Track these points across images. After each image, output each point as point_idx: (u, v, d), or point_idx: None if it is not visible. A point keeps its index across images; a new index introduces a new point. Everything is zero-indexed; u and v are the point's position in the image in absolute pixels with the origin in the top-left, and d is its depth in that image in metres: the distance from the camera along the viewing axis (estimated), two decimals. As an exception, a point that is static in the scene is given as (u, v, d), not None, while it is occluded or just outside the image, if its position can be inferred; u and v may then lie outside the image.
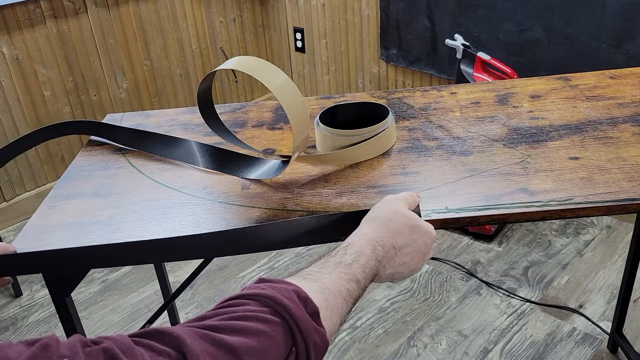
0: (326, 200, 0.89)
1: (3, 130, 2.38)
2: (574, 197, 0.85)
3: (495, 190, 0.88)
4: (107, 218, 0.91)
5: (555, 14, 2.10)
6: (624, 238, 2.18)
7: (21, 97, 2.40)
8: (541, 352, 1.73)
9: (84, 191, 0.99)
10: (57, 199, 0.98)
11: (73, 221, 0.91)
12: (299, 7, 3.00)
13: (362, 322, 1.90)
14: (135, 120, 1.24)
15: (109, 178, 1.03)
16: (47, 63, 2.44)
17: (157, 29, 2.76)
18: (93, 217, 0.92)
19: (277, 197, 0.92)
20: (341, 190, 0.92)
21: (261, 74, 0.87)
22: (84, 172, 1.06)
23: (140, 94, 2.80)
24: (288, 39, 3.16)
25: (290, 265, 2.19)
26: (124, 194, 0.97)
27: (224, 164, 1.02)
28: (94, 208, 0.94)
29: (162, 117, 1.25)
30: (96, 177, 1.04)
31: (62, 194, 0.99)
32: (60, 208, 0.95)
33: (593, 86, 1.21)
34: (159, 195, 0.96)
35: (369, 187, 0.92)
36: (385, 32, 2.66)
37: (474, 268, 2.10)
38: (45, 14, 2.38)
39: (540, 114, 1.11)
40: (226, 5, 3.02)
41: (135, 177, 1.02)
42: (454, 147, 1.02)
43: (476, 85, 1.26)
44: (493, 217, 0.83)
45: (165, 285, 1.49)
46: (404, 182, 0.93)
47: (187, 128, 1.18)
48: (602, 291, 1.94)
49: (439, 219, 0.83)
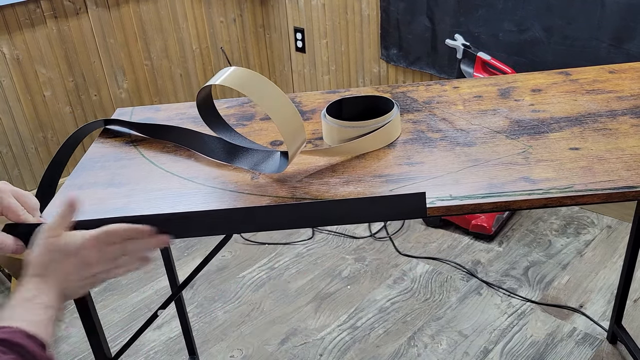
0: (334, 189, 0.91)
1: (3, 130, 2.38)
2: (574, 185, 0.87)
3: (498, 179, 0.90)
4: (122, 205, 0.93)
5: (555, 14, 2.10)
6: (624, 238, 2.18)
7: (21, 97, 2.40)
8: (541, 352, 1.73)
9: (97, 181, 1.01)
10: (72, 189, 0.99)
11: (90, 209, 0.92)
12: (300, 7, 3.00)
13: (362, 322, 1.90)
14: (145, 114, 1.26)
15: (122, 169, 1.04)
16: (47, 63, 2.44)
17: (157, 29, 2.76)
18: (109, 204, 0.93)
19: (286, 186, 0.94)
20: (348, 179, 0.94)
21: (248, 89, 0.90)
22: (97, 163, 1.07)
23: (141, 94, 2.80)
24: (288, 39, 3.16)
25: (290, 266, 2.19)
26: (138, 184, 0.99)
27: (234, 156, 1.04)
28: (109, 197, 0.96)
29: (172, 111, 1.27)
30: (109, 167, 1.05)
31: (76, 183, 1.01)
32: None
33: (593, 80, 1.22)
34: (171, 185, 0.98)
35: (375, 176, 0.94)
36: (386, 32, 2.66)
37: (474, 268, 2.10)
38: (46, 14, 2.38)
39: (541, 107, 1.13)
40: (226, 5, 3.02)
41: (148, 167, 1.04)
42: (457, 139, 1.03)
43: (478, 80, 1.27)
44: (496, 204, 0.85)
45: (174, 278, 1.51)
46: (408, 172, 0.94)
47: (197, 121, 1.20)
48: (602, 291, 1.94)
49: (443, 206, 0.84)
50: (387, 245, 2.26)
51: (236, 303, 2.03)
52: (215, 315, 1.97)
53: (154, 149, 1.11)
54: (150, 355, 1.84)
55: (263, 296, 2.05)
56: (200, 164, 1.04)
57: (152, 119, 1.24)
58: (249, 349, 1.84)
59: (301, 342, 1.85)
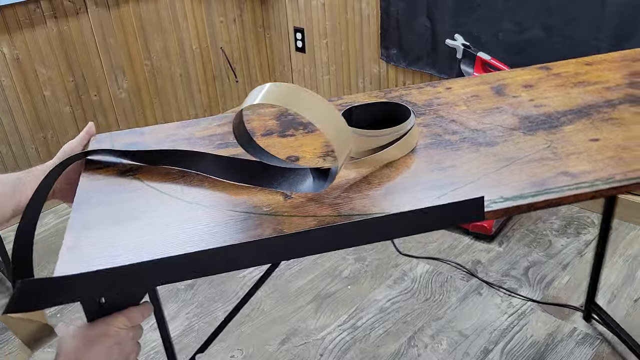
0: (378, 202, 0.87)
1: (3, 130, 2.38)
2: (615, 176, 0.88)
3: (537, 177, 0.90)
4: (137, 245, 0.80)
5: (555, 14, 2.10)
6: (624, 238, 2.18)
7: (21, 97, 2.40)
8: (542, 352, 1.73)
9: (103, 219, 0.86)
10: (78, 231, 0.84)
11: (106, 253, 0.79)
12: (299, 7, 3.00)
13: (362, 322, 1.90)
14: (129, 139, 1.09)
15: (127, 202, 0.90)
16: (47, 63, 2.44)
17: (157, 29, 2.76)
18: (146, 248, 0.79)
19: (326, 204, 0.87)
20: (388, 190, 0.90)
21: (294, 105, 0.82)
22: (92, 200, 0.91)
23: (141, 94, 2.80)
24: (288, 39, 3.16)
25: (291, 264, 2.19)
26: (153, 218, 0.85)
27: (259, 177, 0.93)
28: (124, 235, 0.82)
29: (160, 133, 1.12)
30: (110, 203, 0.90)
31: (77, 225, 0.85)
32: (84, 242, 0.82)
33: (575, 73, 1.23)
34: (196, 215, 0.85)
35: (415, 184, 0.91)
36: (386, 32, 2.66)
37: (474, 268, 2.10)
38: (46, 14, 2.38)
39: (541, 102, 1.13)
40: (226, 5, 3.02)
41: (160, 198, 0.91)
42: (477, 139, 1.02)
43: (467, 80, 1.27)
44: (547, 202, 0.85)
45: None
46: (444, 177, 0.92)
47: (192, 142, 1.09)
48: (602, 291, 1.94)
49: (500, 209, 0.84)
50: (387, 245, 2.26)
51: (237, 303, 2.03)
52: (216, 315, 1.97)
53: (157, 178, 0.96)
54: (150, 355, 1.84)
55: (263, 296, 2.05)
56: (218, 190, 0.92)
57: (139, 143, 1.08)
58: (249, 349, 1.84)
59: (301, 342, 1.85)
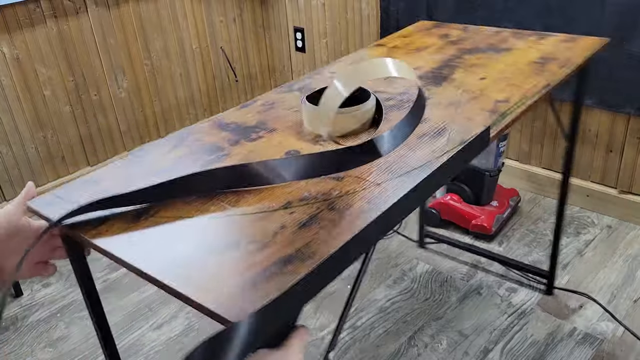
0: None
1: (3, 130, 2.38)
2: (519, 98, 1.17)
3: (487, 108, 1.14)
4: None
5: (555, 14, 2.10)
6: (624, 238, 2.18)
7: (21, 96, 2.40)
8: (542, 351, 1.73)
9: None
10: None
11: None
12: (299, 6, 3.00)
13: (362, 322, 1.90)
14: (88, 190, 0.91)
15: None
16: (47, 63, 2.44)
17: (157, 28, 2.76)
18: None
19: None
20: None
21: (367, 77, 0.92)
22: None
23: (141, 94, 2.80)
24: (288, 38, 3.16)
25: (290, 265, 2.19)
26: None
27: (309, 169, 0.89)
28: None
29: (117, 177, 0.95)
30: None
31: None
32: None
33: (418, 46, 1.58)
34: (274, 219, 0.80)
35: (415, 136, 1.05)
36: (386, 32, 2.66)
37: (474, 268, 2.10)
38: (46, 13, 2.38)
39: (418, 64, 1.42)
40: (226, 5, 3.02)
41: (214, 223, 0.80)
42: (406, 104, 1.19)
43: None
44: (519, 115, 1.13)
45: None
46: (430, 129, 1.07)
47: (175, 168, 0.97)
48: (602, 291, 1.94)
49: (496, 132, 1.06)
50: (387, 245, 2.26)
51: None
52: (216, 315, 1.97)
53: (176, 210, 0.84)
54: (150, 355, 1.84)
55: (263, 296, 2.05)
56: (265, 194, 0.86)
57: (104, 191, 0.90)
58: (249, 349, 1.84)
59: (301, 342, 1.85)
